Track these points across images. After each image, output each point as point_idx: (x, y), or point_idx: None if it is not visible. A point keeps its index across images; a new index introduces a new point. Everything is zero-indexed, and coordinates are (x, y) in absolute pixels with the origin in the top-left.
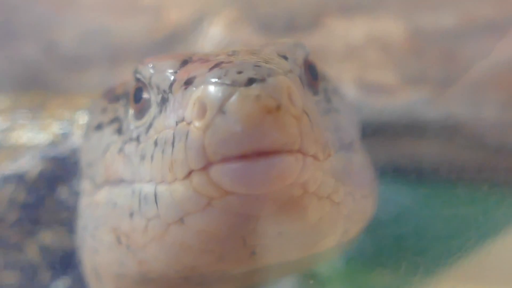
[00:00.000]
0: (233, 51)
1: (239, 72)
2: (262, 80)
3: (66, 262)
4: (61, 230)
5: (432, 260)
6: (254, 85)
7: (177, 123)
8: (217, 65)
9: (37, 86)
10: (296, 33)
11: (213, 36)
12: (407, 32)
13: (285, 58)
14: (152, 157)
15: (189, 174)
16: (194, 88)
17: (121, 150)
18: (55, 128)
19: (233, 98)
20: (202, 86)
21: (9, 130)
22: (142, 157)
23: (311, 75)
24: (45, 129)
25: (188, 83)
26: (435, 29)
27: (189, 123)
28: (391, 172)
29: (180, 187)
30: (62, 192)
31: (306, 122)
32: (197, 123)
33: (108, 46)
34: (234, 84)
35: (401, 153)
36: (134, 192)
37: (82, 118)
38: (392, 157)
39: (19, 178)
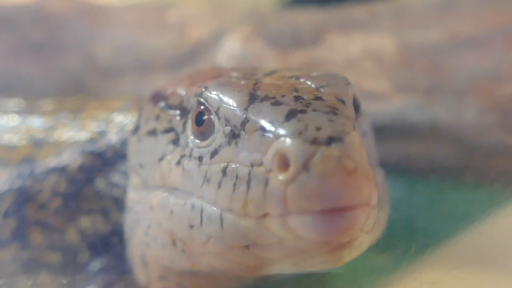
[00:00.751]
0: (281, 77)
1: (318, 129)
2: (340, 139)
3: (102, 244)
4: (97, 216)
5: (420, 244)
6: (333, 145)
7: (252, 165)
8: (291, 114)
9: (78, 93)
10: (301, 47)
11: (230, 49)
12: (398, 46)
13: (343, 102)
14: (219, 184)
15: (264, 216)
16: (273, 137)
17: (179, 163)
18: (93, 127)
19: (316, 157)
20: (284, 140)
21: (53, 128)
22: (207, 180)
23: (355, 109)
24: (84, 128)
25: (265, 130)
26: (423, 44)
27: (268, 171)
28: (383, 169)
29: (252, 223)
30: (99, 183)
31: (373, 178)
32: (279, 176)
33: (139, 58)
34: (315, 143)
35: (392, 152)
36: (194, 207)
37: (117, 119)
38: (384, 155)
39: (61, 170)
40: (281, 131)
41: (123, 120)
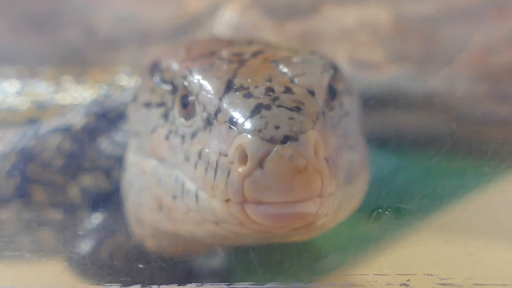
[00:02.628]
0: (255, 52)
1: (277, 127)
2: (295, 139)
3: (102, 201)
4: (99, 174)
5: (413, 213)
6: (288, 144)
7: (220, 154)
8: (256, 110)
9: (78, 65)
10: (297, 18)
11: (227, 20)
12: (393, 17)
13: (313, 94)
14: (195, 165)
15: (227, 200)
16: (237, 132)
17: (167, 137)
18: (97, 88)
19: (270, 156)
20: (245, 136)
21: (56, 91)
22: (187, 158)
23: (330, 96)
24: (88, 90)
25: (232, 122)
26: (417, 15)
27: (231, 163)
28: (377, 138)
29: (219, 205)
30: (102, 143)
31: (327, 172)
32: (239, 168)
33: (138, 30)
34: (272, 141)
35: (386, 121)
36: (177, 180)
37: (120, 81)
38: (378, 124)
39: (66, 130)
40: (244, 127)
41: (127, 82)
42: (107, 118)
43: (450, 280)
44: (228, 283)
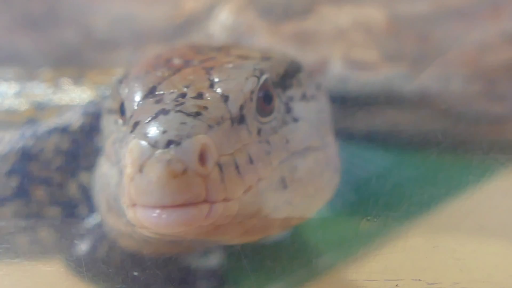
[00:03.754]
0: (211, 58)
1: (164, 132)
2: (178, 143)
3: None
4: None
5: (407, 211)
6: (169, 148)
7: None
8: (156, 115)
9: (75, 65)
10: (292, 18)
11: (223, 20)
12: (387, 17)
13: (226, 99)
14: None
15: (124, 203)
16: (132, 136)
17: (114, 143)
18: (94, 90)
19: (150, 160)
20: (133, 140)
21: (54, 93)
22: (118, 162)
23: (264, 101)
24: (85, 91)
25: (132, 127)
26: (411, 15)
27: (124, 166)
28: (372, 137)
29: (124, 207)
30: (99, 141)
31: (215, 177)
32: (127, 172)
33: (134, 30)
34: (154, 145)
35: (381, 120)
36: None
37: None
38: (373, 124)
39: (63, 129)
40: (137, 132)
41: None
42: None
43: (438, 285)
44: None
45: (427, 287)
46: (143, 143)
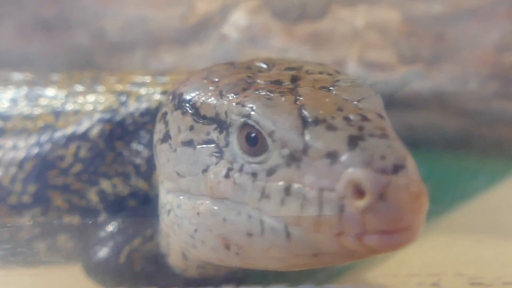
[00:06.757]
0: (295, 76)
1: (383, 158)
2: (403, 166)
3: (120, 206)
4: (117, 179)
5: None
6: (400, 173)
7: (321, 189)
8: (352, 142)
9: (87, 68)
10: (307, 20)
11: (237, 22)
12: (402, 17)
13: (382, 117)
14: (282, 202)
15: (339, 233)
16: (342, 167)
17: (227, 176)
18: (112, 96)
19: (390, 188)
20: (355, 170)
21: (70, 97)
22: (266, 196)
23: None
24: (103, 97)
25: (332, 157)
26: (426, 15)
27: (341, 198)
28: None
29: (324, 238)
30: (118, 149)
31: (426, 193)
32: (356, 203)
33: (147, 33)
34: (384, 172)
35: (396, 121)
36: (251, 217)
37: (135, 90)
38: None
39: (82, 137)
40: (350, 161)
41: (143, 91)
42: (123, 125)
43: (479, 279)
44: (262, 285)
45: (469, 281)
46: (372, 172)
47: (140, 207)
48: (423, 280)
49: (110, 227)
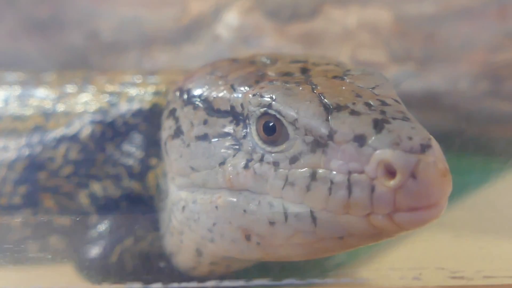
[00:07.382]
0: (306, 72)
1: (410, 138)
2: (429, 146)
3: (110, 208)
4: (107, 181)
5: None
6: (427, 152)
7: (350, 172)
8: (378, 125)
9: (82, 68)
10: (299, 20)
11: (229, 22)
12: (394, 18)
13: (399, 102)
14: (308, 187)
15: (369, 213)
16: (372, 149)
17: (247, 167)
18: (103, 97)
19: (420, 166)
20: (385, 151)
21: (61, 98)
22: (290, 183)
23: None
24: (94, 98)
25: (360, 141)
26: (418, 15)
27: (372, 178)
28: None
29: (354, 220)
30: (109, 150)
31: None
32: (387, 182)
33: (141, 33)
34: (413, 151)
35: None
36: (273, 206)
37: (126, 91)
38: None
39: (72, 139)
40: (378, 143)
41: (134, 91)
42: (113, 126)
43: (461, 273)
44: (246, 279)
45: (450, 275)
46: (401, 152)
47: (133, 208)
48: (405, 274)
49: (102, 227)
